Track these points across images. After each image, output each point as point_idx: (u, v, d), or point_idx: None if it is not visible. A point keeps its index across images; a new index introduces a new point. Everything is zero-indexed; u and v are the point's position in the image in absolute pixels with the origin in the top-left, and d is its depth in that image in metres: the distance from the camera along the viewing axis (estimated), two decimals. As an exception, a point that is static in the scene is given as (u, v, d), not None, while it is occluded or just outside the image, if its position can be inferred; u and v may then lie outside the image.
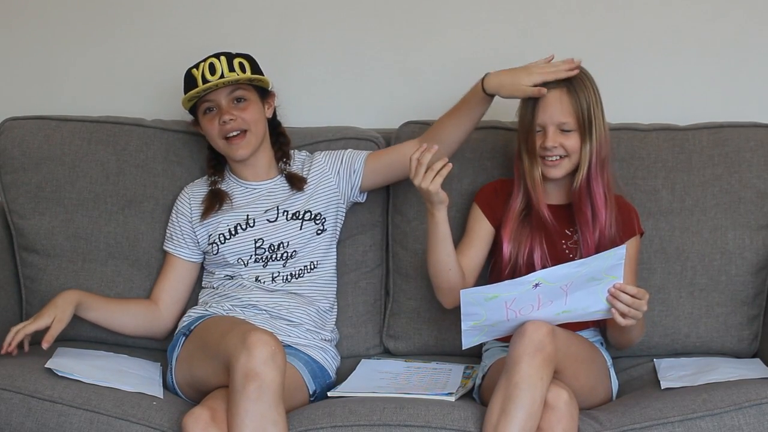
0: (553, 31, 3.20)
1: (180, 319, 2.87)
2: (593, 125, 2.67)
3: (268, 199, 2.89)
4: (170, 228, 2.94)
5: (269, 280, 2.83)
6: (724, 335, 2.91)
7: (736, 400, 2.45)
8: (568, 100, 2.67)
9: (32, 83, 3.31)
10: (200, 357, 2.62)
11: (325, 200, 2.90)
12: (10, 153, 3.03)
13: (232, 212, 2.87)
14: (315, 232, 2.87)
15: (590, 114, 2.67)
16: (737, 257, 2.89)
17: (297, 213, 2.87)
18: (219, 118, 2.80)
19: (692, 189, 2.91)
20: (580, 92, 2.67)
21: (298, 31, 3.14)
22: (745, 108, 3.11)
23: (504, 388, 2.41)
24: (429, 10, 3.22)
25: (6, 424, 2.49)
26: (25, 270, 3.04)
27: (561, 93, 2.67)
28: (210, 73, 2.79)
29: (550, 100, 2.67)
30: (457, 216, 2.96)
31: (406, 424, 2.45)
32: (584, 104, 2.67)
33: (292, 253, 2.84)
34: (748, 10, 3.15)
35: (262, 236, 2.85)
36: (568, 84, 2.68)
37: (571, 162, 2.70)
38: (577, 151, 2.68)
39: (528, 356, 2.39)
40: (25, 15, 3.31)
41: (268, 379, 2.39)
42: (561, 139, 2.68)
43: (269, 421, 2.38)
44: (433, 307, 2.96)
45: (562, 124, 2.67)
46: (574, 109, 2.67)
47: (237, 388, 2.39)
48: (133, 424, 2.49)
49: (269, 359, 2.40)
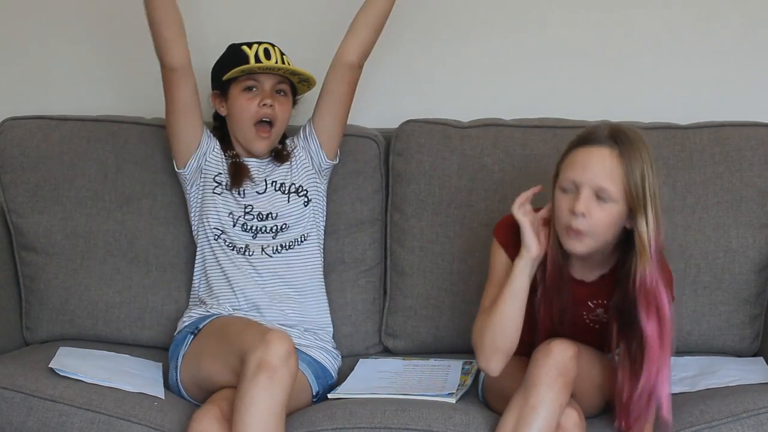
0: (553, 31, 3.19)
1: (183, 60, 2.79)
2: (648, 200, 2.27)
3: (257, 174, 2.89)
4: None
5: (259, 251, 2.83)
6: (726, 333, 2.90)
7: (734, 411, 2.43)
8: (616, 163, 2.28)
9: (32, 83, 3.31)
10: (211, 353, 2.62)
11: (303, 172, 2.91)
12: (9, 152, 3.03)
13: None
14: (302, 204, 2.88)
15: (644, 186, 2.28)
16: (740, 255, 2.89)
17: (283, 185, 2.88)
18: (260, 100, 2.82)
19: (693, 187, 2.91)
20: (634, 156, 2.28)
21: (298, 30, 3.13)
22: (745, 108, 3.11)
23: (519, 407, 2.33)
24: (429, 11, 3.21)
25: (7, 423, 2.49)
26: (24, 269, 3.04)
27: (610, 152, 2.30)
28: (266, 57, 2.82)
29: (595, 156, 2.29)
30: (457, 213, 2.96)
31: (408, 427, 2.45)
32: (637, 173, 2.27)
33: (282, 225, 2.85)
34: (748, 11, 3.15)
35: (252, 203, 2.86)
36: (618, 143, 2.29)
37: (595, 240, 2.33)
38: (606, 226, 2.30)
39: (550, 380, 2.30)
40: (24, 15, 3.30)
41: (280, 374, 2.39)
42: (593, 206, 2.30)
43: (273, 413, 2.39)
44: (430, 304, 2.96)
45: (601, 189, 2.29)
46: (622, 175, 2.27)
47: (248, 376, 2.39)
48: (134, 425, 2.49)
49: (285, 357, 2.41)
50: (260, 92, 2.84)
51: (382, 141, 3.06)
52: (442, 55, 3.20)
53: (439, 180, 2.99)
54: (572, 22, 3.19)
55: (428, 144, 3.00)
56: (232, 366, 2.49)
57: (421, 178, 2.99)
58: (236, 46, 2.87)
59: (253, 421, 2.37)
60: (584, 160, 2.31)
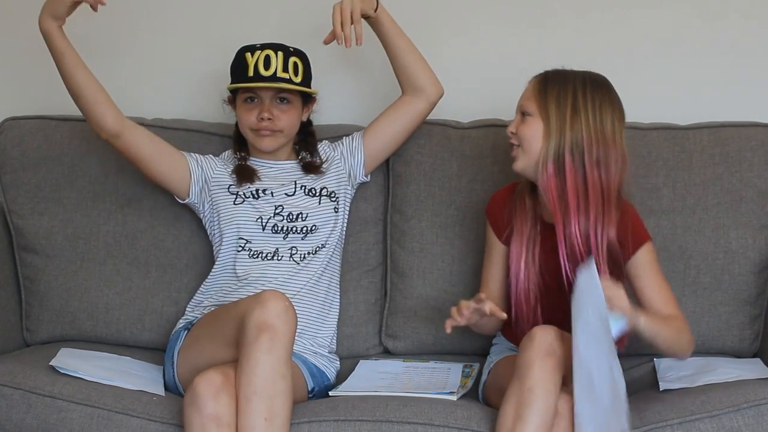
0: (553, 31, 3.20)
1: (120, 123, 2.76)
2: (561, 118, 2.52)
3: (285, 177, 2.89)
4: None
5: (287, 256, 2.82)
6: (725, 334, 2.90)
7: (735, 401, 2.44)
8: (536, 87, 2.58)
9: (32, 83, 3.31)
10: (208, 334, 2.62)
11: (336, 180, 2.90)
12: (9, 153, 3.03)
13: (251, 184, 2.87)
14: (333, 209, 2.88)
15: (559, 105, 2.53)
16: (740, 256, 2.88)
17: (314, 189, 2.88)
18: (258, 113, 2.81)
19: (693, 188, 2.91)
20: (553, 82, 2.55)
21: (299, 30, 3.13)
22: (745, 108, 3.11)
23: (517, 393, 2.36)
24: (429, 11, 3.22)
25: (6, 420, 2.48)
26: (24, 270, 3.04)
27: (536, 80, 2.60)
28: (264, 67, 2.79)
29: (527, 86, 2.60)
30: (457, 214, 2.96)
31: (409, 421, 2.44)
32: (553, 92, 2.54)
33: (311, 227, 2.84)
34: (748, 11, 3.15)
35: (282, 204, 2.85)
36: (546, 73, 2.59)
37: (527, 155, 2.57)
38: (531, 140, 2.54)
39: (540, 360, 2.35)
40: (24, 15, 3.30)
41: (281, 332, 2.39)
42: (520, 124, 2.58)
43: (279, 374, 2.38)
44: (430, 306, 2.96)
45: (521, 106, 2.58)
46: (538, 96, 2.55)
47: (249, 340, 2.39)
48: (133, 418, 2.49)
49: (282, 313, 2.41)
50: (259, 104, 2.82)
51: (383, 141, 3.06)
52: (441, 55, 3.20)
53: (439, 181, 2.99)
54: (572, 22, 3.19)
55: (428, 145, 3.01)
56: (231, 339, 2.49)
57: (421, 179, 2.99)
58: (241, 52, 2.85)
59: (260, 383, 2.37)
60: (523, 92, 2.60)
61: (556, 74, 2.58)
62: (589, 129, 2.51)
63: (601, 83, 2.58)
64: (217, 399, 2.38)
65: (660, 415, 2.46)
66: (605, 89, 2.57)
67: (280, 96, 2.83)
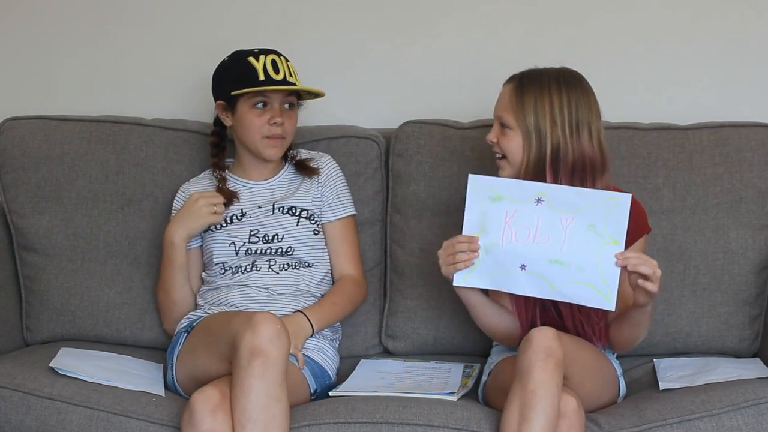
0: (553, 31, 3.20)
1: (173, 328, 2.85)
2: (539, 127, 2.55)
3: (264, 197, 2.88)
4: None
5: (266, 267, 2.81)
6: (725, 335, 2.90)
7: (735, 401, 2.44)
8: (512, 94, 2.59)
9: (32, 83, 3.31)
10: (204, 346, 2.61)
11: (317, 203, 2.89)
12: (9, 153, 3.03)
13: (229, 207, 2.86)
14: (312, 232, 2.86)
15: (537, 116, 2.55)
16: (740, 257, 2.89)
17: (293, 209, 2.86)
18: (269, 118, 2.79)
19: (693, 188, 2.91)
20: (529, 89, 2.57)
21: (298, 30, 3.14)
22: (745, 108, 3.12)
23: (519, 395, 2.36)
24: (430, 11, 3.22)
25: (5, 421, 2.49)
26: (24, 269, 3.04)
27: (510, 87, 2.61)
28: (274, 71, 2.77)
29: (502, 93, 2.62)
30: (457, 215, 2.95)
31: (409, 422, 2.44)
32: (530, 104, 2.56)
33: (287, 249, 2.83)
34: (748, 10, 3.16)
35: (258, 226, 2.83)
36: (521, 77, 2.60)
37: (512, 166, 2.62)
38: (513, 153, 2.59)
39: (540, 362, 2.35)
40: (24, 15, 3.31)
41: (273, 356, 2.37)
42: (500, 135, 2.62)
43: (273, 398, 2.37)
44: (430, 306, 2.96)
45: (500, 118, 2.61)
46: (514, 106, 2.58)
47: (242, 365, 2.38)
48: (132, 420, 2.49)
49: (274, 337, 2.39)
50: (270, 109, 2.79)
51: (383, 142, 3.06)
52: (442, 55, 3.21)
53: (439, 181, 2.99)
54: (572, 22, 3.19)
55: (428, 145, 3.00)
56: (225, 355, 2.47)
57: (421, 179, 2.99)
58: (242, 57, 2.80)
59: (255, 410, 2.36)
60: (498, 97, 2.62)
61: (531, 79, 2.59)
62: (565, 138, 2.54)
63: (576, 82, 2.59)
64: (214, 417, 2.38)
65: (660, 414, 2.46)
66: (580, 89, 2.58)
67: (287, 101, 2.81)
